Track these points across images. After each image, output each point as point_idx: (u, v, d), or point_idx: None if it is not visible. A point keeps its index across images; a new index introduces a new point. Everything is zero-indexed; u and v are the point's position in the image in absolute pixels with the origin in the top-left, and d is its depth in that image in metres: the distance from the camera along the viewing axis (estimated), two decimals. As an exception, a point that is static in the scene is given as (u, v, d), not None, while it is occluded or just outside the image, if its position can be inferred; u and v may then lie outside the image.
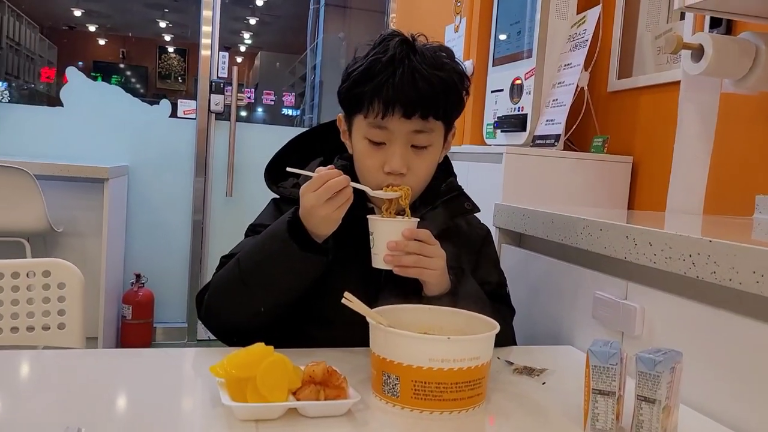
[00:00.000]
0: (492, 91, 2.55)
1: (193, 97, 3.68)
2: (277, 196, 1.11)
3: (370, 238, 0.96)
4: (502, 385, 0.89)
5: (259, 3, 6.28)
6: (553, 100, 2.24)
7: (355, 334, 0.86)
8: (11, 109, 3.32)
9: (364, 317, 0.81)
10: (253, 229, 1.07)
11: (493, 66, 2.57)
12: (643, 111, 2.15)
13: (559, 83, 2.25)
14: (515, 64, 2.40)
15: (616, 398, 0.74)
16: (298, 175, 1.08)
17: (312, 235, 0.94)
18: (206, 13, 3.63)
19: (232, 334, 0.98)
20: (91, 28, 6.66)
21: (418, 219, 0.98)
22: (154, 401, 0.77)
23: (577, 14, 2.29)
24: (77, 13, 6.46)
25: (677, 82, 1.86)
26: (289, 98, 4.62)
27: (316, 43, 5.66)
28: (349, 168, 1.04)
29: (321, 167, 0.94)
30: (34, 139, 3.35)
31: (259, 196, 1.13)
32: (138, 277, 3.44)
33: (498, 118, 2.45)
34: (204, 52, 3.64)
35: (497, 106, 2.49)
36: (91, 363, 0.93)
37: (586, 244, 1.10)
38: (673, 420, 0.75)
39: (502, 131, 2.43)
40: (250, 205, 3.68)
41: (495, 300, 1.10)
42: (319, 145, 1.13)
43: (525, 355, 1.05)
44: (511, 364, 0.98)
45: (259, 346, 0.77)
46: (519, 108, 2.35)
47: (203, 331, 3.60)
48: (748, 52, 1.47)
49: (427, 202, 1.06)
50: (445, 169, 1.14)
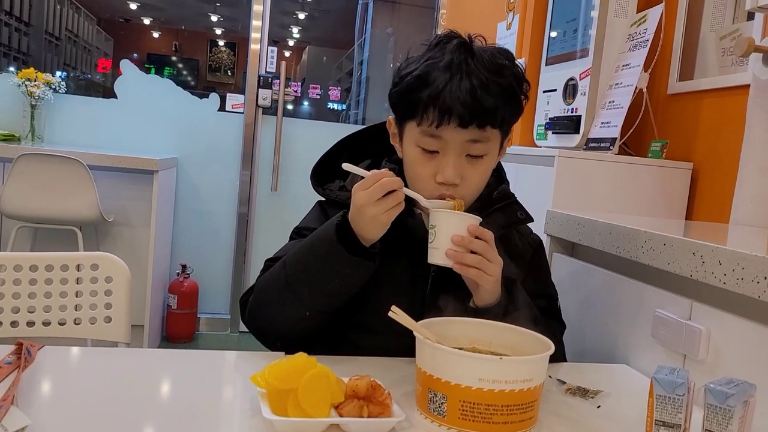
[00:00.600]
0: (544, 91, 2.47)
1: (242, 91, 3.71)
2: (323, 199, 1.08)
3: (430, 231, 0.92)
4: (554, 407, 0.84)
5: (309, -2, 6.31)
6: (610, 102, 2.15)
7: (399, 343, 0.83)
8: (68, 100, 3.42)
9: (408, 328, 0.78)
10: (298, 232, 1.05)
11: (546, 65, 2.50)
12: (705, 115, 2.05)
13: (616, 84, 2.16)
14: (570, 64, 2.32)
15: (681, 431, 0.69)
16: (345, 178, 1.05)
17: (360, 239, 0.91)
18: (257, 8, 3.66)
19: (275, 339, 0.96)
20: (146, 21, 6.81)
21: (480, 218, 0.93)
22: (194, 408, 0.76)
23: (638, 12, 2.20)
24: (133, 6, 6.61)
25: (743, 86, 1.76)
26: (335, 93, 4.62)
27: (364, 39, 5.64)
28: (398, 172, 1.01)
29: (374, 170, 0.91)
30: (88, 130, 3.44)
31: (304, 192, 1.11)
32: (184, 267, 3.49)
33: (550, 119, 2.38)
34: (253, 46, 3.67)
35: (549, 106, 2.42)
36: (132, 363, 0.92)
37: (648, 259, 1.03)
38: (743, 457, 0.69)
39: (554, 133, 2.36)
40: (294, 201, 3.70)
41: (545, 314, 1.05)
42: (368, 147, 1.10)
43: (577, 372, 0.99)
44: (563, 383, 0.93)
45: (302, 357, 0.75)
46: (572, 109, 2.27)
47: (245, 324, 3.64)
48: (828, 56, 1.37)
49: (479, 209, 1.01)
50: (498, 174, 1.09)
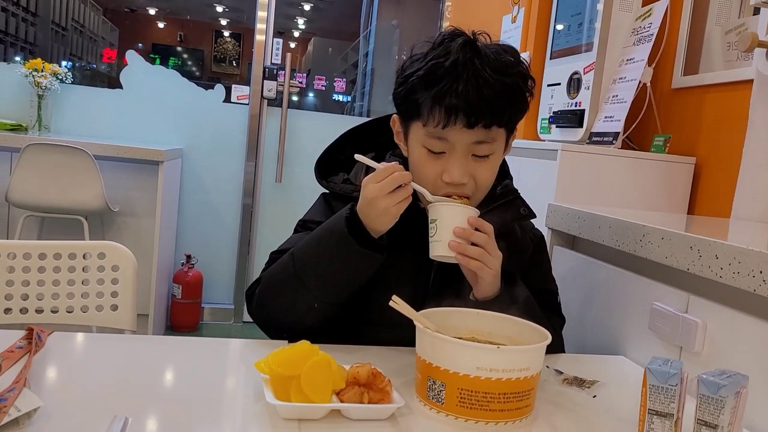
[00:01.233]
0: (548, 85, 2.48)
1: (247, 82, 3.72)
2: (327, 191, 1.10)
3: (431, 225, 0.93)
4: (550, 396, 0.86)
5: (314, -12, 6.30)
6: (613, 96, 2.16)
7: (403, 336, 0.85)
8: (74, 90, 3.44)
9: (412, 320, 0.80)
10: (303, 225, 1.06)
11: (550, 59, 2.50)
12: (709, 110, 2.05)
13: (620, 78, 2.17)
14: (574, 58, 2.32)
15: (674, 421, 0.71)
16: (349, 171, 1.06)
17: (369, 231, 0.92)
18: (262, -2, 3.66)
19: (282, 330, 0.97)
20: (151, 11, 6.82)
21: (479, 211, 0.94)
22: (199, 393, 0.78)
23: (643, 6, 2.20)
24: (138, -4, 6.62)
25: (748, 81, 1.77)
26: (341, 84, 4.63)
27: (369, 30, 5.63)
28: (403, 165, 1.02)
29: (384, 162, 0.92)
30: (94, 120, 3.46)
31: (308, 184, 1.12)
32: (188, 257, 3.52)
33: (554, 112, 2.38)
34: (259, 37, 3.68)
35: (553, 100, 2.42)
36: (139, 348, 0.94)
37: (646, 253, 1.05)
38: (734, 447, 0.71)
39: (557, 126, 2.37)
40: (299, 192, 3.72)
41: (546, 309, 1.06)
42: (372, 140, 1.11)
43: (575, 363, 1.01)
44: (561, 373, 0.95)
45: (305, 344, 0.77)
46: (576, 103, 2.27)
47: (249, 314, 3.67)
48: (831, 52, 1.38)
49: (482, 204, 1.01)
50: (501, 169, 1.09)
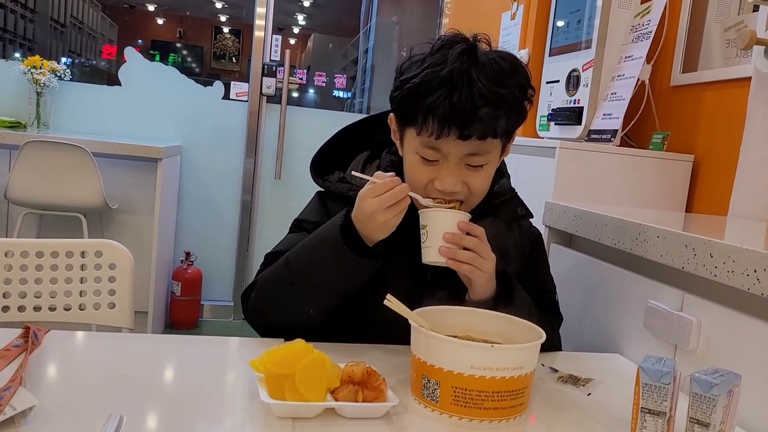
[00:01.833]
0: (547, 82, 2.48)
1: (246, 79, 3.72)
2: (322, 190, 1.09)
3: (422, 232, 0.93)
4: (545, 394, 0.87)
5: (314, -16, 6.28)
6: (612, 93, 2.16)
7: (399, 335, 0.85)
8: (73, 87, 3.43)
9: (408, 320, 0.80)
10: (298, 224, 1.06)
11: (549, 56, 2.50)
12: (708, 108, 2.05)
13: (618, 76, 2.17)
14: (573, 55, 2.32)
15: (667, 419, 0.71)
16: (344, 169, 1.06)
17: (364, 239, 0.92)
18: (261, -5, 3.65)
19: (278, 335, 0.97)
20: (150, 8, 6.80)
21: (470, 215, 0.95)
22: (194, 391, 0.78)
23: (642, 3, 2.19)
24: (137, -8, 6.60)
25: (747, 79, 1.76)
26: (341, 80, 4.62)
27: (369, 27, 5.62)
28: (398, 164, 1.02)
29: (380, 172, 0.93)
30: (93, 117, 3.46)
31: (307, 181, 1.11)
32: (188, 255, 3.52)
33: (552, 110, 2.38)
34: (258, 34, 3.67)
35: (552, 97, 2.42)
36: (135, 347, 0.95)
37: (641, 251, 1.05)
38: (727, 445, 0.71)
39: (556, 124, 2.37)
40: (298, 189, 3.72)
41: (543, 308, 1.06)
42: (368, 136, 1.11)
43: (570, 361, 1.01)
44: (556, 371, 0.95)
45: (299, 343, 0.77)
46: (575, 100, 2.27)
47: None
48: (829, 50, 1.37)
49: (480, 205, 1.01)
50: (498, 168, 1.09)
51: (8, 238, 1.27)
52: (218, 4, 6.88)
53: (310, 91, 4.91)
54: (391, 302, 0.81)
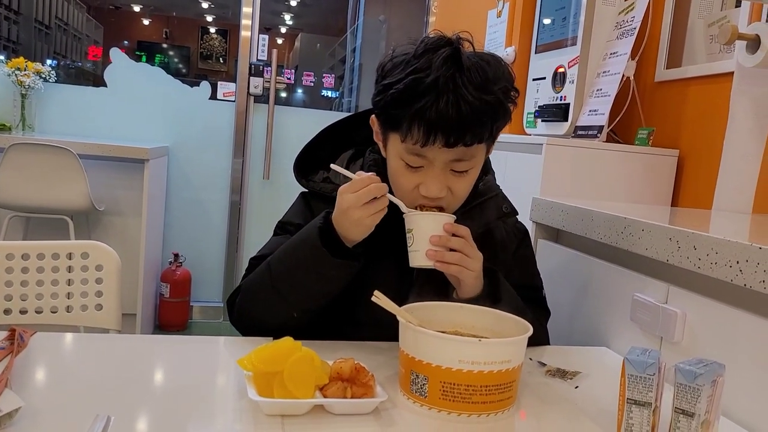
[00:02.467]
0: (534, 79, 2.49)
1: (233, 79, 3.70)
2: (306, 190, 1.09)
3: (408, 236, 0.94)
4: (533, 388, 0.87)
5: (301, -16, 6.27)
6: (597, 90, 2.17)
7: (388, 335, 0.85)
8: (58, 89, 3.40)
9: (397, 321, 0.80)
10: (282, 227, 1.06)
11: (535, 53, 2.51)
12: (692, 103, 2.07)
13: (604, 72, 2.18)
14: (559, 52, 2.33)
15: (652, 409, 0.72)
16: (329, 169, 1.05)
17: (343, 240, 0.92)
18: (247, -6, 3.64)
19: (264, 337, 0.97)
20: (136, 8, 6.75)
21: (455, 216, 0.95)
22: (182, 391, 0.78)
23: (626, 0, 2.21)
24: (122, -7, 6.55)
25: (730, 74, 1.78)
26: (329, 80, 4.61)
27: (357, 26, 5.62)
28: (381, 163, 1.02)
29: (360, 171, 0.92)
30: (78, 119, 3.43)
31: (296, 181, 1.11)
32: (176, 256, 3.51)
33: (539, 107, 2.39)
34: (244, 33, 3.66)
35: (539, 94, 2.43)
36: (123, 348, 0.94)
37: (627, 245, 1.06)
38: (712, 434, 0.72)
39: (542, 120, 2.38)
40: (286, 188, 3.71)
41: (531, 303, 1.06)
42: (352, 135, 1.10)
43: (558, 355, 1.02)
44: (544, 365, 0.96)
45: (287, 341, 0.77)
46: (561, 97, 2.29)
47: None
48: (809, 44, 1.39)
49: (464, 203, 1.01)
50: (483, 165, 1.10)
51: (-7, 241, 1.26)
52: (204, 5, 6.85)
53: (299, 90, 4.90)
54: (379, 299, 0.81)
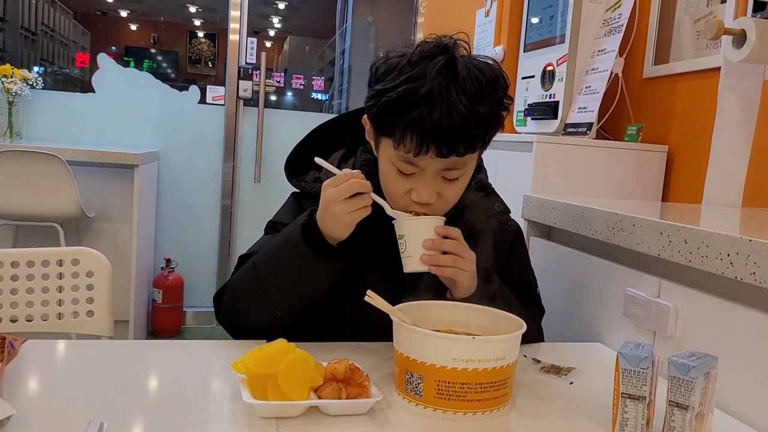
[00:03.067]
0: (523, 78, 2.50)
1: (222, 83, 3.69)
2: (297, 190, 1.09)
3: (399, 242, 0.93)
4: (528, 385, 0.87)
5: (288, -13, 6.26)
6: (586, 87, 2.18)
7: (382, 338, 0.85)
8: (46, 96, 3.38)
9: (391, 322, 0.80)
10: (272, 227, 1.05)
11: (524, 51, 2.52)
12: (680, 98, 2.08)
13: (592, 69, 2.19)
14: (547, 50, 2.34)
15: (647, 403, 0.72)
16: (320, 169, 1.05)
17: (327, 239, 0.91)
18: (235, -2, 3.63)
19: (250, 337, 0.96)
20: (123, 14, 6.73)
21: (445, 218, 0.95)
22: (175, 396, 0.77)
23: (613, -2, 2.22)
24: (109, -1, 6.53)
25: (717, 69, 1.79)
26: (319, 82, 4.61)
27: (345, 28, 5.61)
28: (373, 162, 1.01)
29: (347, 168, 0.92)
30: (67, 125, 3.41)
31: (287, 183, 1.10)
32: (168, 261, 3.49)
33: (529, 105, 2.40)
34: (232, 37, 3.65)
35: (528, 93, 2.44)
36: (115, 354, 0.94)
37: (618, 240, 1.06)
38: (706, 426, 0.72)
39: (532, 119, 2.39)
40: (278, 191, 3.69)
41: (525, 301, 1.06)
42: (342, 135, 1.09)
43: (552, 352, 1.02)
44: (538, 362, 0.96)
45: (281, 343, 0.76)
46: (550, 95, 2.29)
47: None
48: (794, 38, 1.40)
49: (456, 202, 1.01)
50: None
51: (-18, 249, 1.25)
52: (192, 9, 6.83)
53: (288, 93, 4.90)
54: (372, 298, 0.81)
